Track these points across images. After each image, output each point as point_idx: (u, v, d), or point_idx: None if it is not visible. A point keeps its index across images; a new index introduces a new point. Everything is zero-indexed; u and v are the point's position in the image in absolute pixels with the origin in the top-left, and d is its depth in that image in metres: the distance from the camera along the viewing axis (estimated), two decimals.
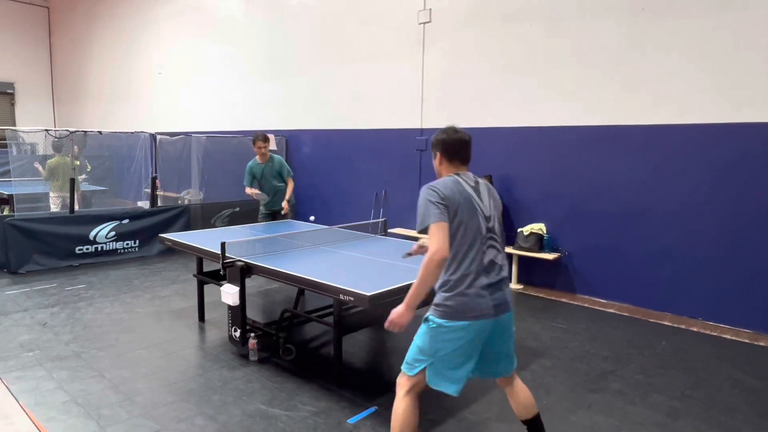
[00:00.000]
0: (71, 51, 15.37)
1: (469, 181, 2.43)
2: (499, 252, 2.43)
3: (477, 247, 2.34)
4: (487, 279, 2.33)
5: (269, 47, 9.06)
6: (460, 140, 2.48)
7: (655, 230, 5.11)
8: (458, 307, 2.30)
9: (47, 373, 3.69)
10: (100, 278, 6.20)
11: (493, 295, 2.34)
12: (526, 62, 5.91)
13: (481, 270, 2.34)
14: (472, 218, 2.35)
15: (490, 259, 2.37)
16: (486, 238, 2.38)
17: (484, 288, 2.32)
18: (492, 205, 2.45)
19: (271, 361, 3.94)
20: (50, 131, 7.31)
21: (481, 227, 2.37)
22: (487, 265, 2.35)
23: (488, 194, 2.46)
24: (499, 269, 2.41)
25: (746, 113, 4.57)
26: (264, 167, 6.00)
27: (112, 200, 8.86)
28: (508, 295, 2.43)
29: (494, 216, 2.45)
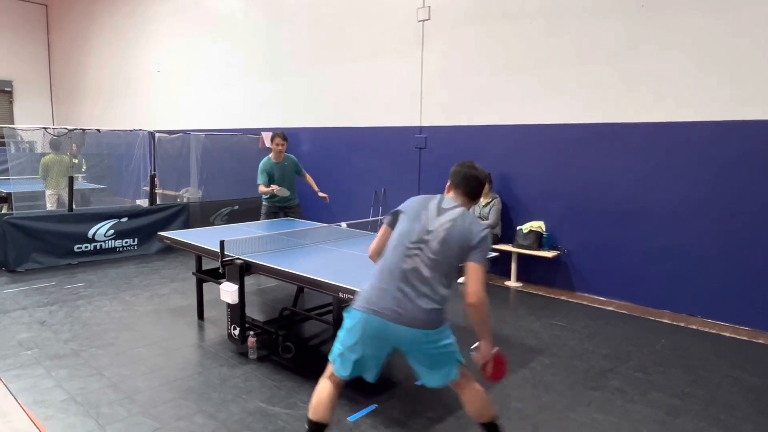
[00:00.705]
0: (70, 49, 15.32)
1: (443, 203, 2.49)
2: (425, 267, 2.37)
3: (400, 249, 2.40)
4: (399, 283, 2.36)
5: (268, 45, 9.04)
6: (468, 174, 2.56)
7: (655, 228, 5.11)
8: (363, 294, 2.44)
9: (46, 372, 3.69)
10: (99, 276, 6.19)
11: (393, 301, 2.34)
12: (526, 60, 5.90)
13: (396, 272, 2.37)
14: (411, 223, 2.44)
15: (411, 267, 2.37)
16: (414, 245, 2.39)
17: (389, 289, 2.36)
18: (446, 227, 2.39)
19: (271, 359, 3.94)
20: (48, 129, 7.29)
21: (413, 234, 2.41)
22: (404, 270, 2.37)
23: (451, 220, 2.41)
24: (419, 282, 2.36)
25: (746, 111, 4.57)
26: (279, 165, 5.97)
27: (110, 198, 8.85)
28: (417, 312, 2.34)
29: (440, 237, 2.38)
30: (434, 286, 2.36)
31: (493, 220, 6.02)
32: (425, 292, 2.35)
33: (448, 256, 2.38)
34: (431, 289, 2.36)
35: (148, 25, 12.10)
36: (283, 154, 6.01)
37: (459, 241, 2.38)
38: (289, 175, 6.09)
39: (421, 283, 2.36)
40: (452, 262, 2.40)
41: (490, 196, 6.10)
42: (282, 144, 5.94)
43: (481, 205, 6.13)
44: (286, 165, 6.05)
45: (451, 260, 2.39)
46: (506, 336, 4.49)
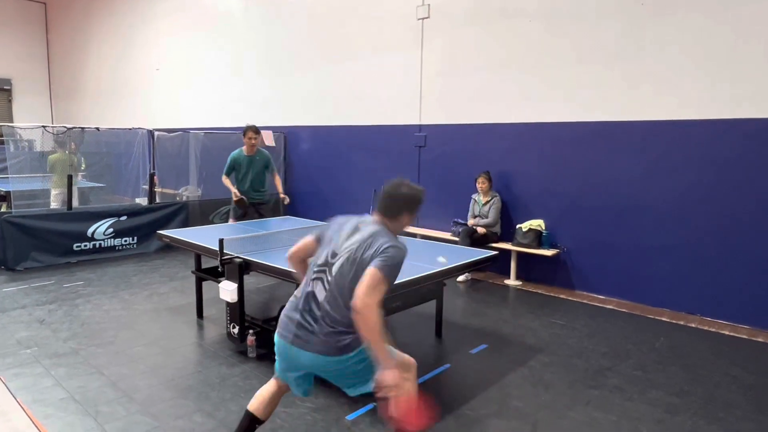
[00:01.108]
0: (69, 47, 15.30)
1: (362, 223, 2.42)
2: (324, 290, 2.30)
3: (309, 274, 2.41)
4: (298, 307, 2.36)
5: (267, 43, 9.03)
6: (384, 192, 2.46)
7: (654, 226, 5.11)
8: (281, 318, 2.46)
9: (45, 370, 3.68)
10: (98, 275, 6.19)
11: (294, 324, 2.34)
12: (525, 58, 5.89)
13: (301, 296, 2.37)
14: (324, 246, 2.43)
15: (309, 291, 2.34)
16: (319, 268, 2.36)
17: (294, 311, 2.37)
18: (351, 249, 2.30)
19: (270, 357, 3.92)
20: (48, 127, 7.28)
21: (320, 258, 2.39)
22: (305, 295, 2.35)
23: (359, 241, 2.31)
24: (314, 306, 2.30)
25: (745, 109, 4.56)
26: (250, 159, 6.01)
27: (110, 197, 8.84)
28: (311, 336, 2.28)
29: (346, 256, 2.30)
30: (330, 311, 2.27)
31: (492, 219, 6.02)
32: (318, 314, 2.29)
33: (347, 276, 2.27)
34: (327, 314, 2.28)
35: (147, 24, 12.08)
36: (255, 148, 6.04)
37: (361, 257, 2.27)
38: (258, 170, 6.08)
39: (318, 308, 2.30)
40: (351, 284, 2.24)
41: (489, 194, 6.10)
42: (254, 138, 5.98)
43: (480, 203, 6.13)
44: (257, 159, 6.06)
45: (351, 282, 2.25)
46: (505, 334, 4.49)
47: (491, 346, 4.21)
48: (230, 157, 6.00)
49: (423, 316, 4.79)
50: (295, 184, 8.84)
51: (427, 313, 4.76)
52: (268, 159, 6.19)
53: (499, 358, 3.98)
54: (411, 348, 4.17)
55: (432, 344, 4.29)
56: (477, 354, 4.07)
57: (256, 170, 6.06)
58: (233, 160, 5.99)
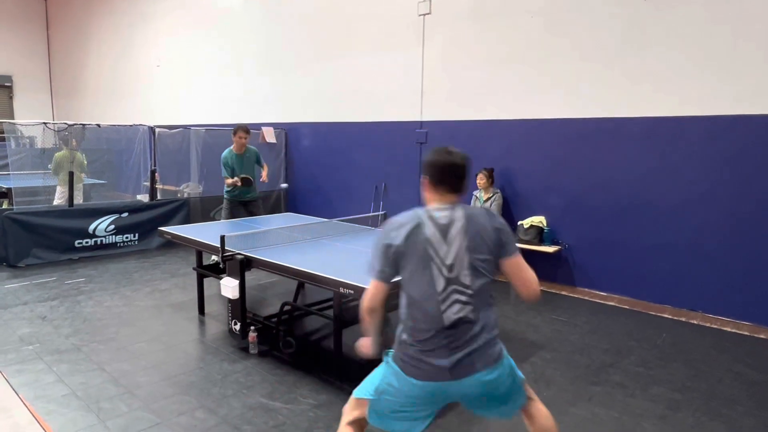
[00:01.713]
0: (69, 43, 15.28)
1: (437, 218, 2.01)
2: (468, 306, 1.98)
3: (431, 302, 1.97)
4: (445, 339, 1.96)
5: (268, 40, 9.01)
6: (446, 164, 2.05)
7: (656, 223, 5.10)
8: (408, 361, 2.01)
9: (47, 367, 3.69)
10: (99, 272, 6.19)
11: (452, 356, 1.95)
12: (527, 54, 5.87)
13: (437, 328, 1.97)
14: (424, 270, 1.98)
15: (457, 318, 1.96)
16: (445, 292, 1.97)
17: (438, 348, 1.96)
18: (463, 247, 1.98)
19: (271, 354, 3.94)
20: (48, 124, 7.27)
21: (435, 281, 1.97)
22: (448, 325, 1.96)
23: (462, 234, 1.99)
24: (467, 327, 1.97)
25: (746, 105, 4.54)
26: (240, 157, 6.17)
27: (111, 193, 8.84)
28: (479, 356, 1.98)
29: (462, 263, 1.98)
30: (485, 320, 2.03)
31: None
32: (481, 334, 2.01)
33: (483, 271, 2.03)
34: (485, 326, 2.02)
35: (147, 21, 12.06)
36: (245, 147, 6.19)
37: (486, 244, 2.02)
38: (249, 167, 6.26)
39: (473, 327, 1.99)
40: (488, 275, 2.04)
41: (491, 191, 6.09)
42: (245, 137, 6.14)
43: (482, 200, 6.12)
44: (247, 157, 6.25)
45: (488, 274, 2.04)
46: (508, 330, 4.49)
47: None
48: (223, 159, 6.15)
49: None
50: (296, 181, 8.84)
51: None
52: (257, 154, 6.40)
53: None
54: None
55: None
56: None
57: (248, 167, 6.23)
58: (224, 160, 6.15)
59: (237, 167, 6.14)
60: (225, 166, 6.14)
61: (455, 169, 2.06)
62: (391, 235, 2.03)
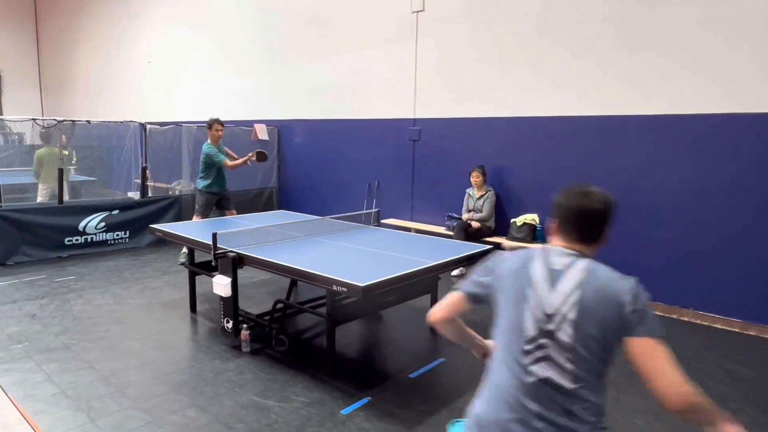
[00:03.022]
0: (59, 39, 15.12)
1: (552, 261, 1.60)
2: (563, 373, 1.52)
3: (515, 354, 1.59)
4: (529, 406, 1.53)
5: (261, 36, 8.96)
6: (578, 209, 1.62)
7: (647, 221, 5.12)
8: (476, 420, 1.63)
9: (36, 366, 3.65)
10: (90, 269, 6.13)
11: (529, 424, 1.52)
12: (520, 52, 5.87)
13: (519, 391, 1.56)
14: (516, 308, 1.60)
15: (541, 378, 1.53)
16: (534, 344, 1.55)
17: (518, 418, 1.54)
18: (573, 301, 1.52)
19: (264, 352, 3.92)
20: (38, 120, 7.19)
21: (525, 325, 1.57)
22: (531, 385, 1.54)
23: (577, 286, 1.54)
24: (561, 397, 1.52)
25: (739, 104, 4.57)
26: (219, 150, 6.21)
27: (101, 191, 8.76)
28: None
29: (569, 319, 1.52)
30: (584, 396, 1.53)
31: (486, 213, 6.01)
32: (573, 410, 1.52)
33: (591, 342, 1.53)
34: (581, 404, 1.53)
35: (139, 16, 11.95)
36: (220, 141, 6.23)
37: (602, 312, 1.52)
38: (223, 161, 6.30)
39: (564, 398, 1.52)
40: (600, 350, 1.55)
41: (484, 188, 6.09)
42: (221, 129, 6.19)
43: (475, 198, 6.12)
44: (222, 151, 6.28)
45: (598, 348, 1.55)
46: None
47: None
48: (213, 152, 6.10)
49: (417, 310, 4.78)
50: (289, 178, 8.81)
51: (421, 307, 4.75)
52: (224, 149, 6.43)
53: None
54: (405, 342, 4.18)
55: (426, 338, 4.29)
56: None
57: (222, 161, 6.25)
58: (215, 150, 6.11)
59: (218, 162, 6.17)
60: (217, 155, 6.12)
61: (589, 215, 1.62)
62: (497, 261, 1.72)
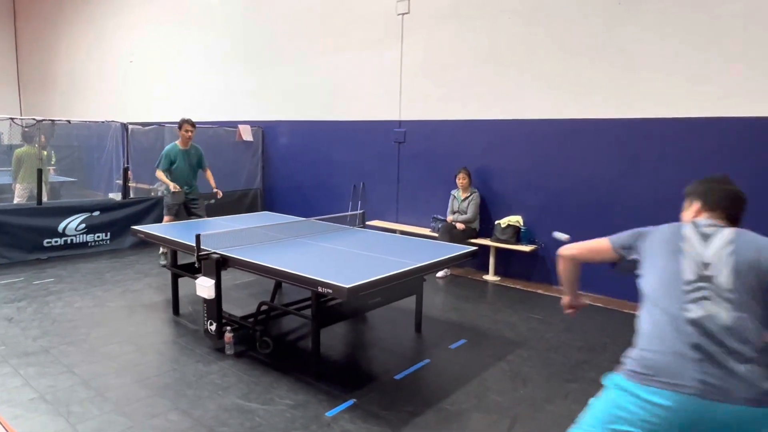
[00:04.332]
0: (38, 36, 14.85)
1: (704, 228, 1.82)
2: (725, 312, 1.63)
3: (675, 294, 1.71)
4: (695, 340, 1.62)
5: (245, 36, 8.90)
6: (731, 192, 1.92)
7: (630, 222, 5.15)
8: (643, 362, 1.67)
9: (13, 370, 3.57)
10: (69, 272, 6.02)
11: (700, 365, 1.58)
12: (505, 55, 5.92)
13: (683, 326, 1.65)
14: (673, 256, 1.77)
15: (704, 315, 1.64)
16: (694, 285, 1.69)
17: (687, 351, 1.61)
18: (728, 252, 1.71)
19: (248, 354, 3.88)
20: (16, 120, 7.05)
21: (683, 269, 1.73)
22: (695, 321, 1.64)
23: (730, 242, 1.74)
24: (723, 334, 1.61)
25: (720, 108, 4.66)
26: (184, 153, 5.99)
27: (81, 191, 8.62)
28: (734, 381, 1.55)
29: (729, 266, 1.68)
30: (741, 333, 1.61)
31: (471, 215, 6.04)
32: (736, 348, 1.59)
33: (751, 288, 1.66)
34: (743, 343, 1.60)
35: (120, 14, 11.80)
36: (190, 142, 6.00)
37: (758, 264, 1.68)
38: (192, 164, 6.09)
39: (727, 336, 1.61)
40: (759, 296, 1.67)
41: (469, 190, 6.12)
42: (191, 130, 5.93)
43: (460, 200, 6.15)
44: (191, 154, 6.05)
45: (758, 294, 1.66)
46: (484, 329, 4.52)
47: (470, 341, 4.22)
48: (165, 151, 5.93)
49: (403, 311, 4.78)
50: (273, 180, 8.76)
51: (406, 309, 4.76)
52: (201, 154, 6.19)
53: (478, 353, 4.00)
54: (391, 343, 4.18)
55: (412, 339, 4.29)
56: (456, 349, 4.08)
57: (190, 164, 6.06)
58: (167, 153, 5.92)
59: (180, 163, 5.96)
60: (164, 158, 5.86)
61: (740, 198, 1.91)
62: (647, 229, 2.00)
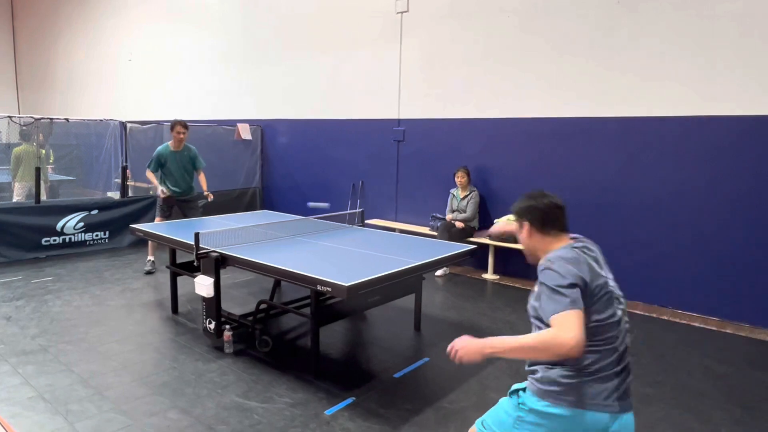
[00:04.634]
0: (37, 35, 14.82)
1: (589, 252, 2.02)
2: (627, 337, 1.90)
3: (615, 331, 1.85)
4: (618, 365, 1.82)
5: (244, 34, 8.89)
6: (557, 205, 2.12)
7: (628, 221, 5.20)
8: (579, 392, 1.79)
9: (12, 368, 3.56)
10: (68, 270, 6.02)
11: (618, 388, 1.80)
12: (504, 54, 5.92)
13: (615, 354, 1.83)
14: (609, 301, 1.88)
15: (625, 347, 1.86)
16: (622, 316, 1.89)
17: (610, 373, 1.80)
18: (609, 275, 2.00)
19: (247, 353, 3.88)
20: (14, 118, 7.03)
21: (617, 313, 1.87)
22: (622, 352, 1.84)
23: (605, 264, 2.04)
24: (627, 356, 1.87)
25: (716, 106, 4.67)
26: (176, 155, 5.84)
27: (80, 190, 8.60)
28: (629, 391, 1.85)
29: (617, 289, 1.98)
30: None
31: (470, 213, 6.04)
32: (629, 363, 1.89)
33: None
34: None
35: (119, 12, 11.77)
36: (183, 144, 5.87)
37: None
38: (184, 166, 5.92)
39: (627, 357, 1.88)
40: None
41: (468, 189, 6.12)
42: (183, 132, 5.80)
43: (459, 198, 6.15)
44: (184, 155, 5.90)
45: None
46: (483, 327, 4.52)
47: None
48: (156, 152, 5.79)
49: (402, 309, 4.79)
50: (272, 178, 8.75)
51: (405, 307, 4.76)
52: (195, 155, 6.01)
53: None
54: (390, 342, 4.18)
55: (411, 338, 4.29)
56: None
57: (183, 166, 5.90)
58: (159, 155, 5.78)
59: (172, 166, 5.79)
60: (154, 160, 5.74)
61: (562, 209, 2.14)
62: (578, 268, 1.89)
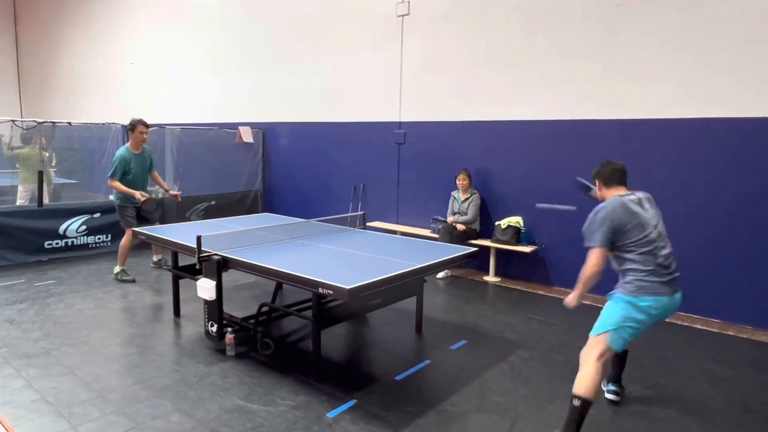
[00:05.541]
0: (39, 39, 14.88)
1: (633, 200, 3.00)
2: (668, 246, 3.00)
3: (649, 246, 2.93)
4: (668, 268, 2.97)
5: (246, 38, 8.92)
6: (614, 169, 3.18)
7: None
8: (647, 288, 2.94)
9: (15, 371, 3.57)
10: (70, 273, 6.03)
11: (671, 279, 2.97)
12: (504, 56, 5.93)
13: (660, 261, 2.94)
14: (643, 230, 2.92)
15: (667, 252, 2.97)
16: (658, 240, 2.94)
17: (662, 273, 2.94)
18: (654, 211, 3.04)
19: (249, 356, 3.89)
20: (17, 122, 7.06)
21: (650, 235, 2.92)
22: (665, 257, 2.95)
23: (650, 204, 3.07)
24: (673, 260, 3.01)
25: (717, 109, 4.67)
26: (138, 157, 5.54)
27: (82, 193, 8.62)
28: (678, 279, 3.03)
29: (659, 220, 3.02)
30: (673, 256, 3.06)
31: (471, 215, 6.05)
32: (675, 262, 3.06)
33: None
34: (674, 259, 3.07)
35: (121, 16, 11.82)
36: (143, 145, 5.58)
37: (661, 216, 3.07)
38: (145, 167, 5.68)
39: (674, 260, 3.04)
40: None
41: (469, 191, 6.13)
42: (145, 132, 5.49)
43: (460, 201, 6.15)
44: (144, 157, 5.63)
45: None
46: (485, 330, 4.52)
47: (471, 342, 4.23)
48: (119, 158, 5.41)
49: (403, 312, 4.79)
50: (273, 181, 8.77)
51: (407, 310, 4.76)
52: (151, 154, 5.77)
53: (478, 354, 4.01)
54: (391, 344, 4.18)
55: (412, 340, 4.30)
56: (457, 350, 4.09)
57: (144, 168, 5.67)
58: (123, 160, 5.42)
59: (136, 169, 5.49)
60: (119, 166, 5.37)
61: (619, 170, 3.23)
62: (611, 215, 2.96)
